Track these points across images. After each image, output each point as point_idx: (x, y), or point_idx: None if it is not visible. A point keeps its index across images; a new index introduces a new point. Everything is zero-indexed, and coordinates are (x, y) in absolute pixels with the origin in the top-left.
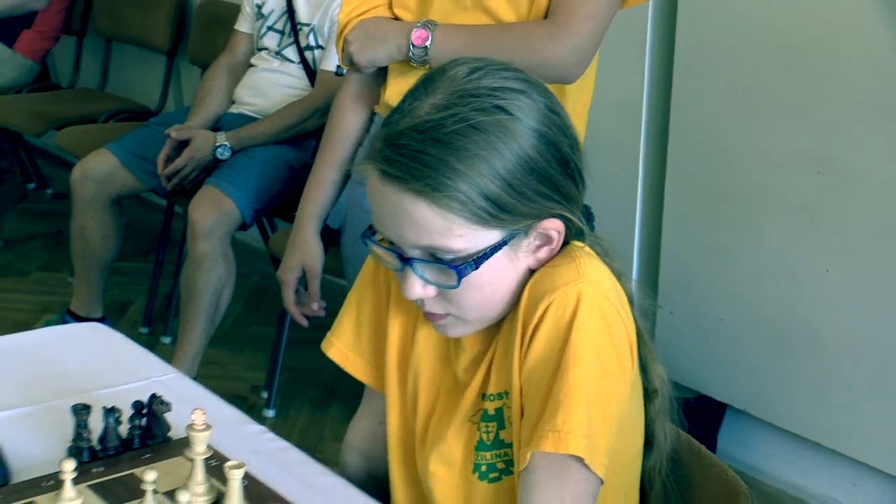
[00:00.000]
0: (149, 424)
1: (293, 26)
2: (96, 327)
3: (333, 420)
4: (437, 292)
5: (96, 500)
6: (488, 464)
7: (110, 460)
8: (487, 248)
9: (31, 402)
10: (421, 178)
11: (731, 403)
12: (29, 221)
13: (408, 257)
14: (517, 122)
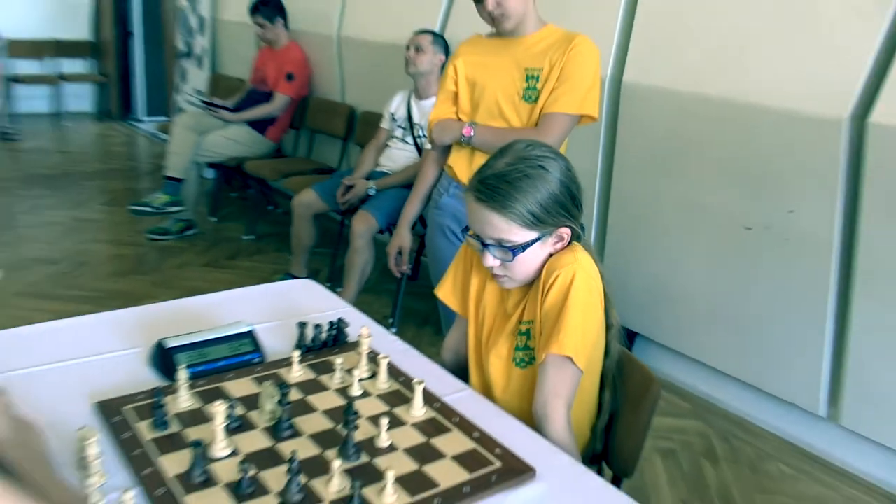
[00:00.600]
0: (337, 334)
1: (411, 125)
2: (307, 282)
3: (427, 336)
4: (501, 263)
5: (310, 373)
6: (521, 358)
7: (317, 352)
8: (529, 241)
9: (275, 320)
10: (497, 200)
11: (641, 332)
12: (268, 225)
13: (486, 244)
14: (550, 174)
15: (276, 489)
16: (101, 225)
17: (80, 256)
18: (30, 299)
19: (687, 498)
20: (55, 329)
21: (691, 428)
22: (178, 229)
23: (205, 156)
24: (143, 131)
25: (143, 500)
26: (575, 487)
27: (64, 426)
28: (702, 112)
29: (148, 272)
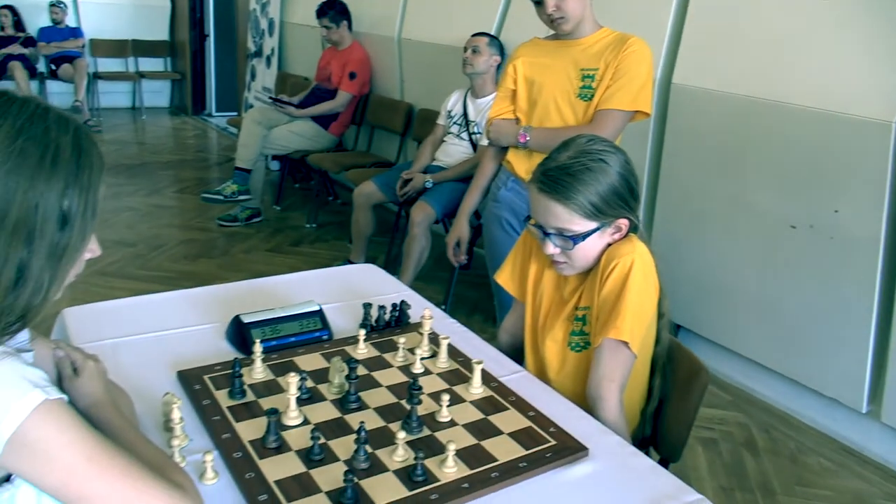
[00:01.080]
0: (400, 315)
1: (466, 122)
2: (369, 266)
3: (476, 323)
4: (561, 251)
5: (374, 351)
6: (576, 343)
7: (380, 331)
8: (589, 231)
9: (340, 301)
10: (559, 192)
11: (684, 324)
12: (328, 215)
13: (548, 232)
14: (610, 167)
15: (343, 457)
16: (174, 211)
17: (155, 240)
18: (109, 278)
19: (727, 485)
20: (140, 304)
21: (732, 419)
22: (245, 216)
23: (271, 148)
24: (214, 126)
25: (221, 462)
26: (626, 467)
27: (149, 392)
28: (750, 113)
29: (217, 256)
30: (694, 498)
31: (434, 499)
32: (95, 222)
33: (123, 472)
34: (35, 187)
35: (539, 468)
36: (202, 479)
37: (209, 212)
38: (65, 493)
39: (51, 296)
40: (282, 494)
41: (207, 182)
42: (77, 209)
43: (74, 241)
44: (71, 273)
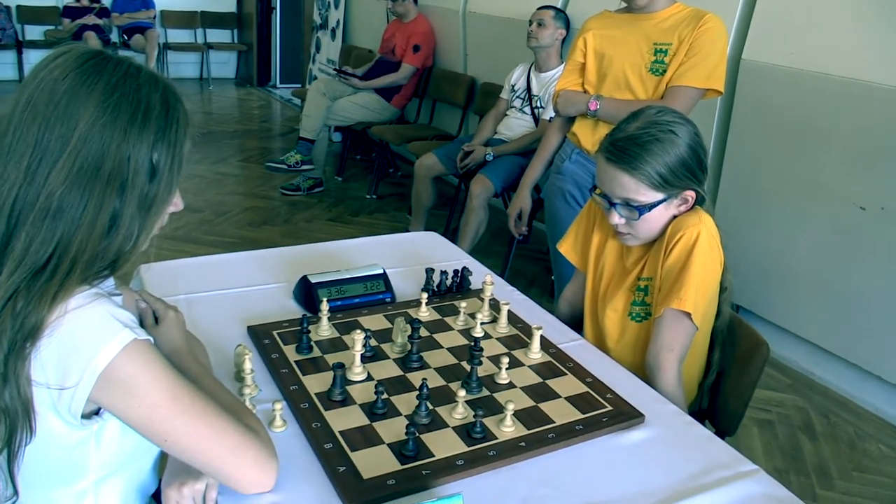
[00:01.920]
0: (461, 280)
1: (529, 95)
2: (431, 234)
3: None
4: (626, 222)
5: (436, 314)
6: (637, 313)
7: (441, 296)
8: (655, 202)
9: (402, 266)
10: (627, 161)
11: (743, 305)
12: (389, 187)
13: (613, 202)
14: (679, 139)
15: (405, 412)
16: (239, 179)
17: (220, 206)
18: (178, 242)
19: (782, 468)
20: (212, 262)
21: (790, 402)
22: (307, 186)
23: (335, 119)
24: (278, 97)
25: (289, 411)
26: (681, 435)
27: (221, 345)
28: (821, 90)
29: (279, 224)
30: (749, 468)
31: (491, 455)
32: (181, 176)
33: (203, 411)
34: (128, 140)
35: (595, 432)
36: (271, 427)
37: (272, 180)
38: (150, 427)
39: (139, 244)
40: (346, 444)
41: (271, 152)
42: (165, 162)
43: (162, 193)
44: (156, 224)
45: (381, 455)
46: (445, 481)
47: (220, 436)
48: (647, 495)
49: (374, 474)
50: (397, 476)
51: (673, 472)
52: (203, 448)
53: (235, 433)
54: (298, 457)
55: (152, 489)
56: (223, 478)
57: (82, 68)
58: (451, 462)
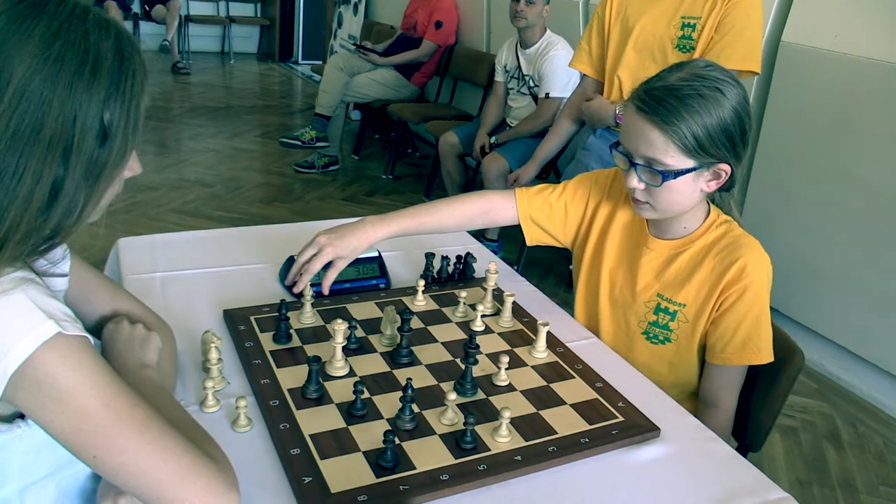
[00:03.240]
0: (464, 267)
1: (522, 74)
2: None
3: (549, 287)
4: (645, 187)
5: (433, 304)
6: (655, 335)
7: (441, 284)
8: (683, 169)
9: (402, 249)
10: (660, 114)
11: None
12: (406, 167)
13: (635, 162)
14: (725, 99)
15: (388, 414)
16: (253, 155)
17: (232, 182)
18: (185, 216)
19: (804, 478)
20: (195, 238)
21: (816, 408)
22: (322, 164)
23: (353, 96)
24: (299, 73)
25: (257, 409)
26: (701, 453)
27: (194, 330)
28: (865, 76)
29: (291, 201)
30: (778, 496)
31: (482, 470)
32: (138, 137)
33: (144, 425)
34: (74, 97)
35: (602, 446)
36: (234, 426)
37: (288, 157)
38: (74, 439)
39: (84, 217)
40: (316, 450)
41: (289, 128)
42: (119, 122)
43: (114, 159)
44: (109, 193)
45: (354, 465)
46: (426, 499)
47: (163, 456)
48: None
49: (344, 487)
50: (370, 491)
51: (690, 498)
52: (140, 469)
53: (185, 455)
54: (260, 462)
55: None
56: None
57: (17, 9)
58: (434, 476)
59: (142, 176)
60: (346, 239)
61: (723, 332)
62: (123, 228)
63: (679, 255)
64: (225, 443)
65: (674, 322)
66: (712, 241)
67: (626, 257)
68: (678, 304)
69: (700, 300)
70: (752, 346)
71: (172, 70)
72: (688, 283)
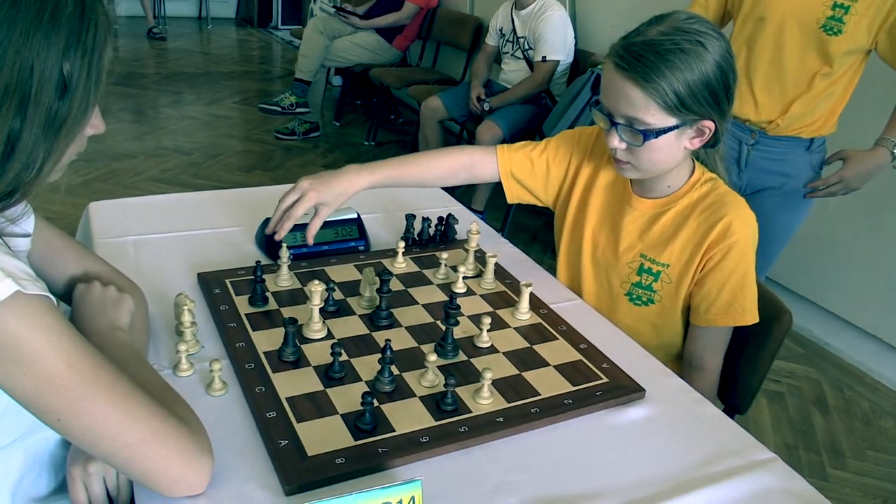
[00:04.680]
0: (445, 229)
1: (516, 37)
2: None
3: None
4: (627, 147)
5: (413, 266)
6: (638, 296)
7: (422, 246)
8: (665, 127)
9: (383, 211)
10: (640, 71)
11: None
12: (388, 133)
13: (615, 122)
14: (707, 53)
15: (367, 377)
16: (233, 122)
17: (211, 149)
18: (161, 184)
19: (791, 443)
20: (168, 202)
21: (803, 373)
22: (303, 130)
23: (333, 60)
24: (278, 38)
25: (231, 372)
26: (687, 415)
27: (167, 294)
28: None
29: (271, 168)
30: (765, 456)
31: (463, 432)
32: (100, 92)
33: (110, 386)
34: (31, 45)
35: (586, 407)
36: (209, 390)
37: (268, 124)
38: (37, 402)
39: (45, 173)
40: (292, 413)
41: (269, 94)
42: (80, 74)
43: (75, 113)
44: (70, 150)
45: (332, 428)
46: (405, 461)
47: (132, 418)
48: (644, 485)
49: (321, 450)
50: (348, 454)
51: (675, 459)
52: (107, 432)
53: (155, 417)
54: (235, 426)
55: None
56: (136, 474)
57: None
58: (413, 439)
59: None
60: (330, 184)
61: (707, 292)
62: (99, 197)
63: (663, 215)
64: (199, 407)
65: (657, 283)
66: (697, 200)
67: (608, 217)
68: (661, 265)
69: (684, 260)
70: (736, 307)
71: (148, 36)
72: (671, 242)
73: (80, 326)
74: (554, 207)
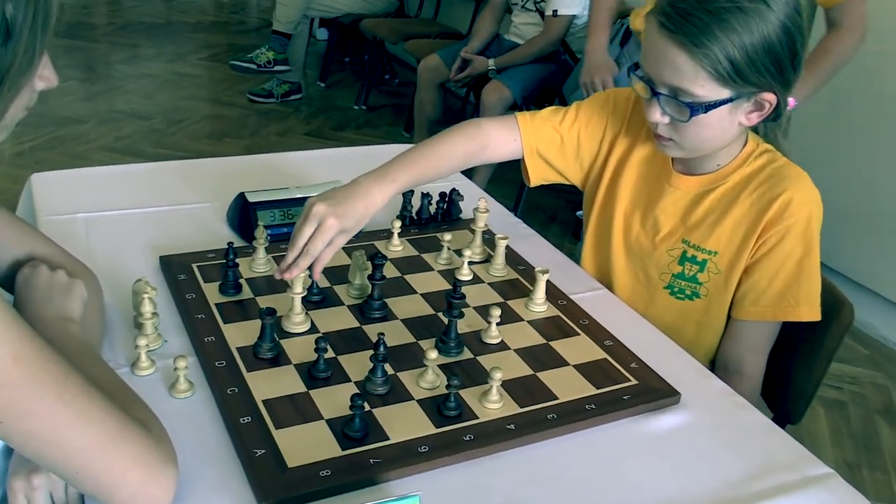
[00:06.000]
0: (449, 207)
1: None
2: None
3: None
4: (670, 122)
5: (411, 249)
6: (680, 288)
7: (422, 226)
8: (717, 101)
9: None
10: (688, 34)
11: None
12: (382, 96)
13: (657, 91)
14: (771, 13)
15: (357, 377)
16: (200, 81)
17: (174, 114)
18: (116, 154)
19: (853, 460)
20: (125, 173)
21: (867, 378)
22: (282, 92)
23: (317, 9)
24: None
25: (200, 371)
26: (730, 422)
27: (124, 280)
28: None
29: (244, 136)
30: (821, 472)
31: (468, 440)
32: (47, 37)
33: (61, 382)
34: None
35: (611, 413)
36: (173, 391)
37: (241, 84)
38: None
39: None
40: (270, 418)
41: (243, 49)
42: (24, 18)
43: (20, 62)
44: (17, 105)
45: (316, 435)
46: (400, 474)
47: (84, 420)
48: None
49: (303, 461)
50: (335, 465)
51: (715, 474)
52: (56, 436)
53: (111, 420)
54: (204, 432)
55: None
56: (88, 487)
57: None
58: (411, 448)
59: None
60: (348, 205)
61: (757, 280)
62: (43, 168)
63: (709, 194)
64: (162, 411)
65: (703, 273)
66: (750, 175)
67: (644, 197)
68: (708, 252)
69: (734, 246)
70: (789, 298)
71: None
72: (719, 225)
73: (24, 317)
74: (583, 188)
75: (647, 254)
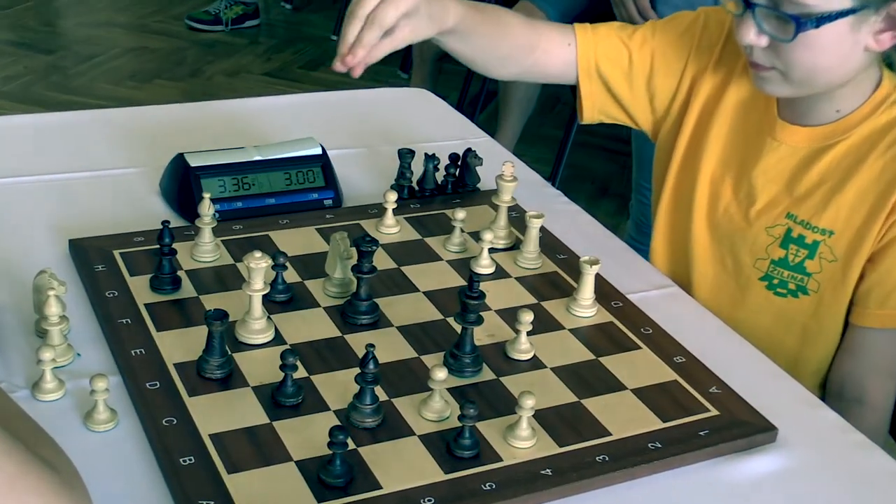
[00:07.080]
0: (462, 174)
1: None
2: (424, 93)
3: (601, 213)
4: (769, 43)
5: (411, 230)
6: (782, 280)
7: (426, 199)
8: (834, 11)
9: (362, 145)
10: None
11: None
12: None
13: (752, 2)
14: None
15: (337, 404)
16: (120, 2)
17: (83, 46)
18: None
19: None
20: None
21: None
22: (232, 16)
23: None
24: None
25: (125, 395)
26: (844, 467)
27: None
28: None
29: (182, 77)
30: None
31: (488, 490)
32: None
33: None
34: None
35: (684, 454)
36: (89, 422)
37: (176, 7)
38: None
39: None
40: (220, 459)
41: None
42: None
43: None
44: None
45: (282, 481)
46: None
47: None
48: None
49: None
50: None
51: None
52: None
53: (8, 459)
54: (130, 475)
55: None
56: None
57: None
58: (411, 500)
59: None
60: None
61: (886, 273)
62: None
63: (826, 152)
64: (73, 447)
65: (813, 261)
66: (883, 128)
67: (737, 154)
68: (821, 232)
69: (857, 225)
70: None
71: None
72: (838, 196)
73: None
74: (655, 137)
75: (738, 232)
